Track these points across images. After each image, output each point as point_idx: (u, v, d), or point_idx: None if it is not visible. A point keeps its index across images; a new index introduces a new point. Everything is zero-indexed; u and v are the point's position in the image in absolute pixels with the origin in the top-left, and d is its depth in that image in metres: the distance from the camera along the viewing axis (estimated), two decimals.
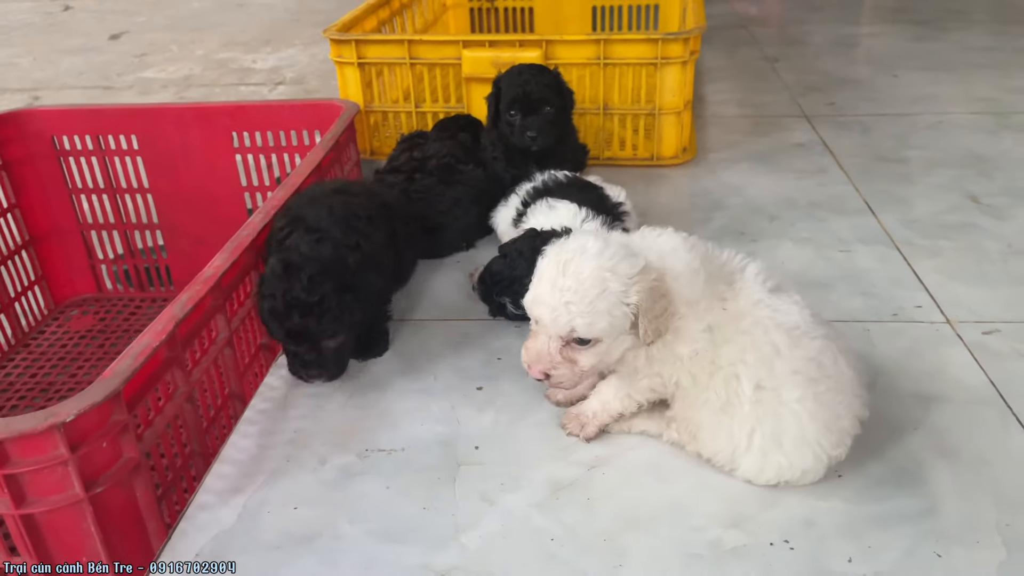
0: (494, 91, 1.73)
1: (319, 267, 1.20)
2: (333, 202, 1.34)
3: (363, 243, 1.30)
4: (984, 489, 1.05)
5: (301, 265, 1.21)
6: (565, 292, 0.97)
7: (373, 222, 1.36)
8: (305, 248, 1.24)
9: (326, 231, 1.28)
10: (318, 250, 1.24)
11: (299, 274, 1.19)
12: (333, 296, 1.19)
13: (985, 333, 1.36)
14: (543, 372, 1.01)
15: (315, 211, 1.32)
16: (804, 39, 3.21)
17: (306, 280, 1.19)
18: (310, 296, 1.18)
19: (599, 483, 1.07)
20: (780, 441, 1.01)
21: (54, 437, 0.88)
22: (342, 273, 1.22)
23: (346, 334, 1.24)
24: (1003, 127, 2.23)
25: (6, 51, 3.94)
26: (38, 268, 1.96)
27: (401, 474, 1.10)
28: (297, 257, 1.22)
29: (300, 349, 1.23)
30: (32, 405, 1.70)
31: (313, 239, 1.26)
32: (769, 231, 1.72)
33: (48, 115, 1.90)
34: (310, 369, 1.24)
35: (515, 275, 1.37)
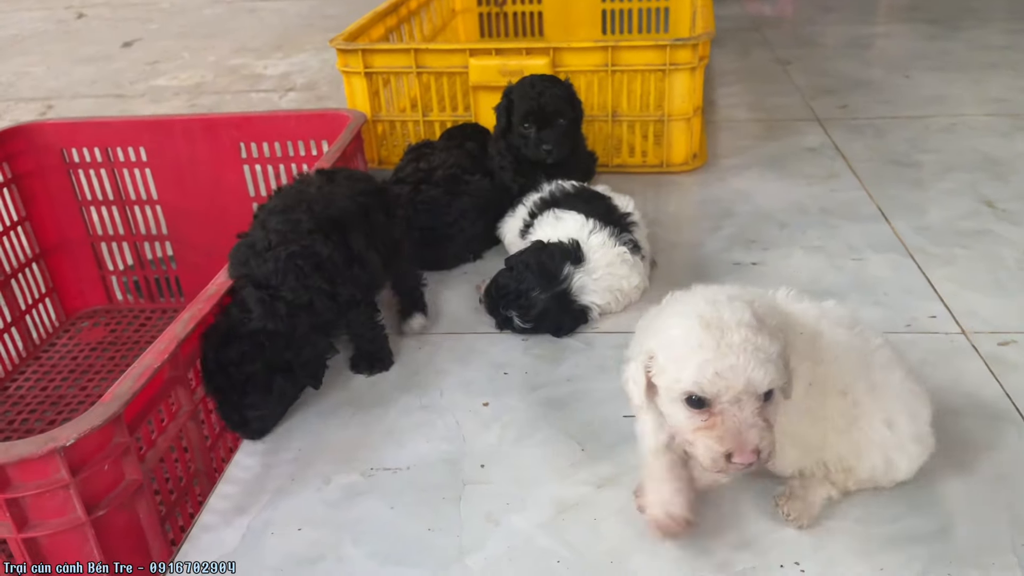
0: (505, 102, 1.72)
1: (250, 346, 1.15)
2: (281, 252, 1.21)
3: (315, 298, 1.21)
4: (1000, 507, 1.03)
5: (239, 335, 1.16)
6: (747, 344, 0.85)
7: (321, 268, 1.23)
8: (257, 312, 1.17)
9: (275, 288, 1.18)
10: (264, 316, 1.17)
11: (236, 345, 1.15)
12: (261, 376, 1.16)
13: (1001, 344, 1.34)
14: (756, 449, 0.85)
15: (263, 263, 1.21)
16: (816, 40, 3.18)
17: (236, 355, 1.15)
18: (238, 372, 1.15)
19: (606, 503, 1.06)
20: (913, 418, 1.00)
21: (54, 461, 0.88)
22: (281, 349, 1.18)
23: (273, 408, 1.21)
24: (1018, 129, 2.20)
25: (20, 59, 3.97)
26: (48, 280, 1.97)
27: (406, 494, 1.09)
28: (240, 323, 1.17)
29: (224, 406, 1.19)
30: (42, 419, 1.71)
31: (267, 299, 1.18)
32: (780, 239, 1.69)
33: (57, 128, 1.91)
34: (231, 426, 1.20)
35: (522, 288, 1.36)
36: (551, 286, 1.36)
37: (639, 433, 1.02)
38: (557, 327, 1.39)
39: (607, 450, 1.15)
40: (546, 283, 1.36)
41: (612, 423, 1.20)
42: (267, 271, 1.19)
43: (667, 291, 1.49)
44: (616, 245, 1.42)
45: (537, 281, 1.35)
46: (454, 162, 1.70)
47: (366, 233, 1.32)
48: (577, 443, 1.16)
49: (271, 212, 1.28)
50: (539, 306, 1.35)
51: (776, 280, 1.53)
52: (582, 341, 1.40)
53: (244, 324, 1.16)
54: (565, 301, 1.37)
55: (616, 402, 1.24)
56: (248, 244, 1.24)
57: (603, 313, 1.44)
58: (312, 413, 1.26)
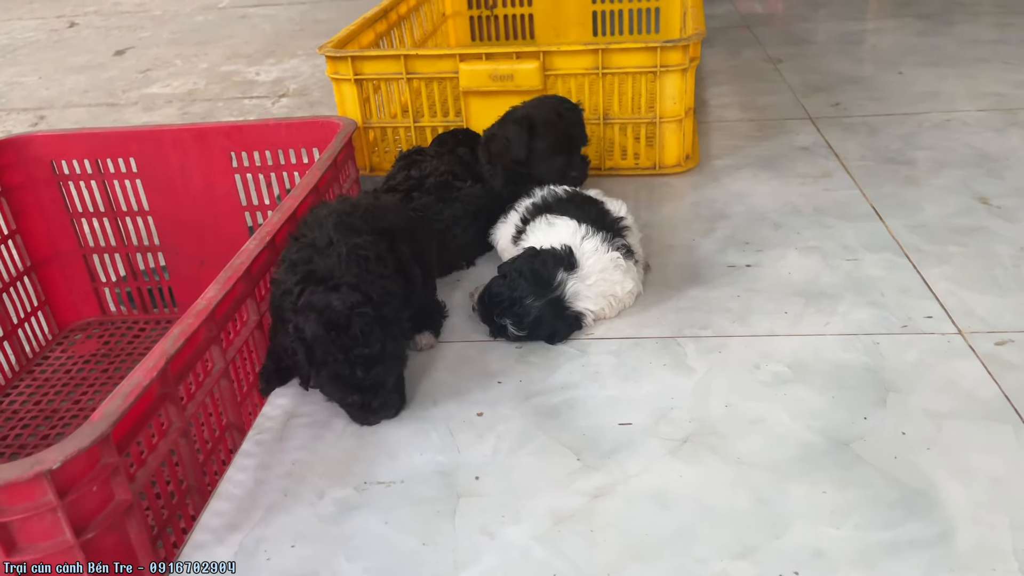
0: (525, 123, 1.69)
1: (364, 317, 1.17)
2: (339, 250, 1.27)
3: (377, 281, 1.25)
4: (1000, 511, 1.02)
5: (348, 320, 1.17)
6: None
7: (382, 260, 1.30)
8: (337, 302, 1.18)
9: (339, 278, 1.22)
10: (348, 299, 1.18)
11: (349, 331, 1.16)
12: (388, 340, 1.18)
13: (998, 344, 1.33)
14: None
15: (326, 258, 1.25)
16: (808, 37, 3.17)
17: (360, 334, 1.16)
18: (372, 348, 1.16)
19: (601, 513, 1.05)
20: None
21: (42, 484, 0.86)
22: (380, 311, 1.19)
23: (404, 365, 1.25)
24: (1011, 124, 2.19)
25: (12, 69, 3.96)
26: (41, 293, 1.96)
27: (400, 507, 1.08)
28: (335, 314, 1.17)
29: (368, 398, 1.20)
30: (36, 433, 1.70)
31: (331, 288, 1.20)
32: (774, 240, 1.69)
33: (47, 140, 1.90)
34: (380, 413, 1.23)
35: (515, 296, 1.35)
36: (545, 293, 1.35)
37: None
38: (551, 334, 1.38)
39: (602, 459, 1.14)
40: (540, 290, 1.35)
41: (607, 431, 1.19)
42: (330, 264, 1.23)
43: (662, 295, 1.52)
44: (609, 250, 1.41)
45: (531, 288, 1.35)
46: (445, 169, 1.69)
47: (411, 248, 1.39)
48: (572, 452, 1.15)
49: (324, 218, 1.32)
50: (533, 313, 1.35)
51: (771, 282, 1.54)
52: (576, 348, 1.39)
53: (336, 308, 1.17)
54: (559, 308, 1.37)
55: (611, 410, 1.24)
56: (309, 243, 1.28)
57: (597, 319, 1.43)
58: (306, 426, 1.25)
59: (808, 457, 1.12)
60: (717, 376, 1.29)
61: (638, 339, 1.40)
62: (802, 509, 1.04)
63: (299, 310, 1.19)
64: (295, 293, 1.21)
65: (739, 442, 1.16)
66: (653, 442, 1.16)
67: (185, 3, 5.15)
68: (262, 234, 1.36)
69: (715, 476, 1.10)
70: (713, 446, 1.15)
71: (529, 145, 1.68)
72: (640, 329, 1.42)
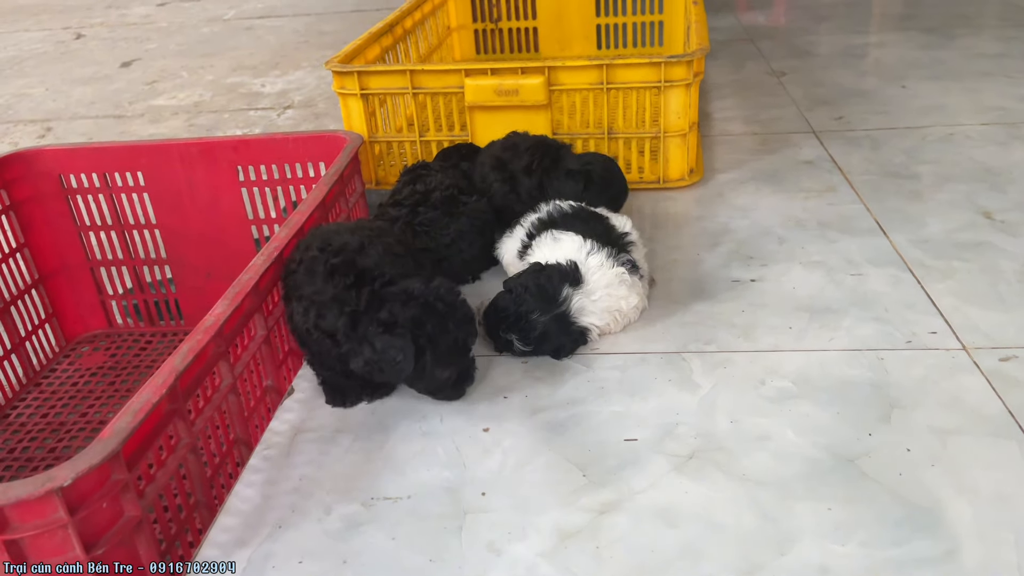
0: (583, 178, 1.73)
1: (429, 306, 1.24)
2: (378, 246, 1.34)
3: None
4: (1005, 528, 1.03)
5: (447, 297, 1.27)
6: None
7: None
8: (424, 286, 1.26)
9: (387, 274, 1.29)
10: (411, 288, 1.26)
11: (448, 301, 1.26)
12: (457, 310, 1.28)
13: (1002, 360, 1.33)
14: None
15: (369, 259, 1.31)
16: (811, 50, 3.18)
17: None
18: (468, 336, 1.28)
19: (608, 530, 1.05)
20: None
21: (52, 501, 0.87)
22: (438, 293, 1.27)
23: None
24: (1014, 138, 2.20)
25: (19, 81, 3.98)
26: (48, 306, 1.97)
27: (407, 523, 1.08)
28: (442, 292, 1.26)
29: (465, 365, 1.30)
30: (43, 446, 1.71)
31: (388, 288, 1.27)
32: (778, 255, 1.69)
33: (54, 154, 1.91)
34: (467, 381, 1.32)
35: (521, 311, 1.36)
36: (550, 308, 1.36)
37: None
38: (557, 349, 1.38)
39: (608, 475, 1.14)
40: (545, 305, 1.36)
41: (613, 447, 1.20)
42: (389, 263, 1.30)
43: (667, 309, 1.52)
44: (614, 266, 1.42)
45: (536, 304, 1.35)
46: (450, 183, 1.70)
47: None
48: (578, 468, 1.16)
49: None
50: (539, 329, 1.35)
51: (775, 297, 1.54)
52: (582, 363, 1.39)
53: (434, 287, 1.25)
54: (564, 323, 1.37)
55: (616, 425, 1.24)
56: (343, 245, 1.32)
57: (602, 334, 1.44)
58: (313, 441, 1.26)
59: (814, 474, 1.13)
60: (722, 392, 1.30)
61: (643, 354, 1.40)
62: (808, 526, 1.04)
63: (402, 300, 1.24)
64: (352, 293, 1.26)
65: (745, 458, 1.16)
66: (659, 458, 1.17)
67: (191, 15, 5.19)
68: (269, 249, 1.37)
69: (721, 493, 1.10)
70: (719, 462, 1.15)
71: (584, 189, 1.72)
72: (645, 344, 1.43)
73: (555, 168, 1.74)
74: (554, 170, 1.73)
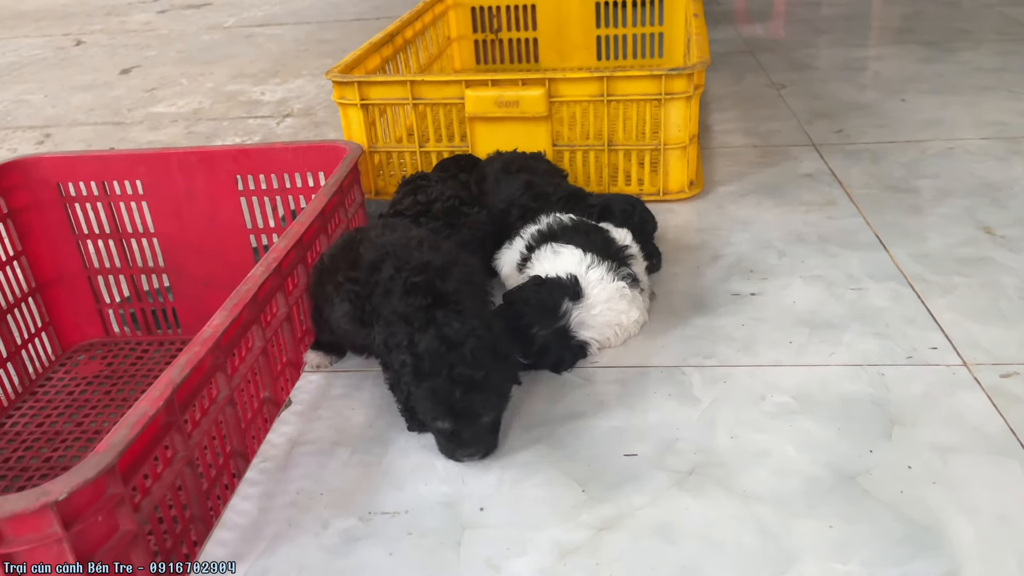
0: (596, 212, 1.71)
1: (480, 341, 1.16)
2: (461, 272, 1.30)
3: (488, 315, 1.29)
4: (1006, 548, 1.02)
5: (462, 339, 1.16)
6: None
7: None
8: (457, 322, 1.18)
9: (463, 304, 1.23)
10: (469, 321, 1.19)
11: (462, 349, 1.15)
12: (495, 370, 1.16)
13: (1003, 376, 1.33)
14: None
15: (445, 284, 1.26)
16: (811, 63, 3.19)
17: (470, 355, 1.15)
18: (476, 371, 1.14)
19: (607, 547, 1.04)
20: None
21: (47, 516, 0.86)
22: (496, 342, 1.19)
23: (504, 406, 1.21)
24: (1014, 153, 2.20)
25: (18, 87, 3.98)
26: (45, 314, 1.97)
27: (404, 539, 1.07)
28: (454, 331, 1.17)
29: (459, 427, 1.17)
30: (38, 456, 1.70)
31: (455, 312, 1.21)
32: (778, 268, 1.69)
33: (53, 162, 1.91)
34: (468, 448, 1.18)
35: (520, 325, 1.35)
36: (550, 322, 1.35)
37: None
38: (557, 363, 1.38)
39: (608, 491, 1.14)
40: (545, 319, 1.35)
41: (613, 462, 1.19)
42: (451, 290, 1.25)
43: (667, 323, 1.52)
44: (615, 280, 1.41)
45: (536, 317, 1.35)
46: (451, 194, 1.70)
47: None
48: (577, 484, 1.15)
49: (422, 238, 1.37)
50: (538, 343, 1.35)
51: (776, 311, 1.54)
52: (581, 376, 1.39)
53: (455, 333, 1.17)
54: (564, 337, 1.37)
55: (616, 440, 1.23)
56: (422, 265, 1.28)
57: (602, 347, 1.43)
58: (311, 454, 1.25)
59: (814, 491, 1.12)
60: (722, 407, 1.29)
61: (644, 368, 1.40)
62: (809, 544, 1.04)
63: (421, 327, 1.19)
64: (422, 313, 1.21)
65: (745, 475, 1.15)
66: (659, 474, 1.16)
67: (191, 22, 5.20)
68: (268, 260, 1.36)
69: (721, 510, 1.10)
70: (719, 479, 1.15)
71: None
72: (645, 358, 1.42)
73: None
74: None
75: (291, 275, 1.46)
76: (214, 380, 1.19)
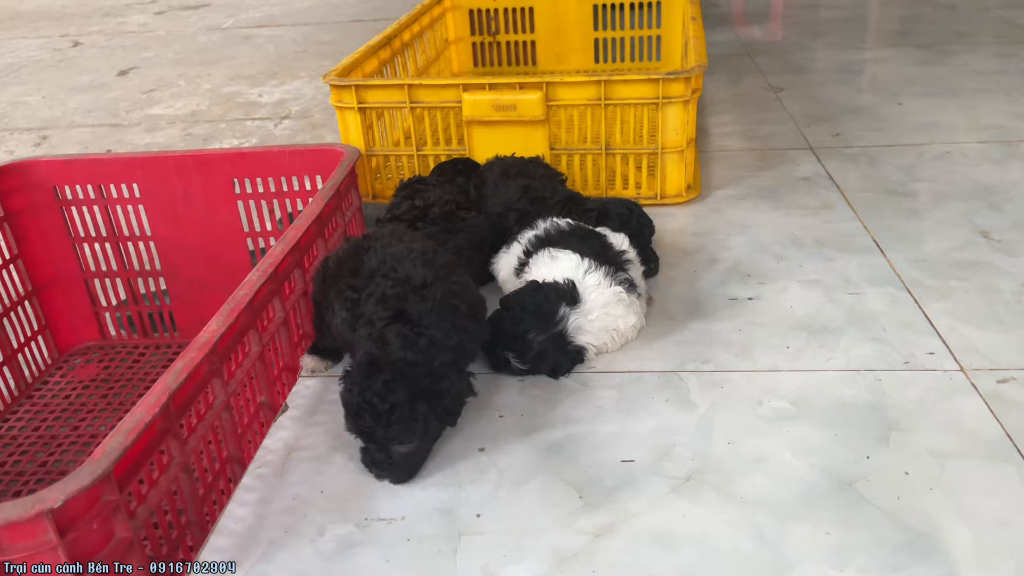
0: (592, 217, 1.70)
1: (398, 372, 1.16)
2: (439, 291, 1.27)
3: (465, 341, 1.25)
4: (1003, 554, 1.02)
5: (382, 367, 1.16)
6: None
7: (474, 309, 1.32)
8: (396, 344, 1.18)
9: (426, 327, 1.21)
10: (406, 351, 1.18)
11: (378, 376, 1.15)
12: (406, 405, 1.14)
13: (1000, 381, 1.33)
14: None
15: (421, 300, 1.25)
16: (808, 66, 3.19)
17: (380, 385, 1.14)
18: (382, 402, 1.14)
19: (604, 553, 1.04)
20: None
21: (43, 523, 0.86)
22: (420, 379, 1.17)
23: (418, 443, 1.19)
24: (1011, 156, 2.20)
25: (15, 89, 3.97)
26: (41, 317, 1.96)
27: (401, 545, 1.07)
28: (382, 356, 1.18)
29: (370, 447, 1.18)
30: (34, 460, 1.69)
31: (410, 334, 1.20)
32: (776, 272, 1.69)
33: (50, 165, 1.90)
34: (378, 468, 1.19)
35: (518, 330, 1.35)
36: (547, 328, 1.35)
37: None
38: (554, 368, 1.38)
39: (605, 497, 1.13)
40: (542, 325, 1.35)
41: (610, 468, 1.19)
42: (423, 309, 1.23)
43: (664, 327, 1.52)
44: (612, 285, 1.41)
45: (533, 323, 1.35)
46: (448, 198, 1.70)
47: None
48: (574, 489, 1.15)
49: (417, 255, 1.33)
50: (536, 348, 1.35)
51: (773, 315, 1.54)
52: (578, 381, 1.39)
53: (386, 356, 1.17)
54: (561, 342, 1.37)
55: (614, 445, 1.23)
56: (404, 279, 1.27)
57: (599, 353, 1.43)
58: (307, 460, 1.25)
59: (811, 496, 1.12)
60: (720, 412, 1.29)
61: (640, 373, 1.40)
62: (806, 550, 1.04)
63: (375, 337, 1.21)
64: (379, 326, 1.22)
65: (742, 480, 1.15)
66: (656, 480, 1.16)
67: (189, 23, 5.19)
68: (265, 265, 1.36)
69: (718, 515, 1.10)
70: (716, 484, 1.15)
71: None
72: (642, 363, 1.42)
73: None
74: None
75: (287, 280, 1.46)
76: (210, 386, 1.19)
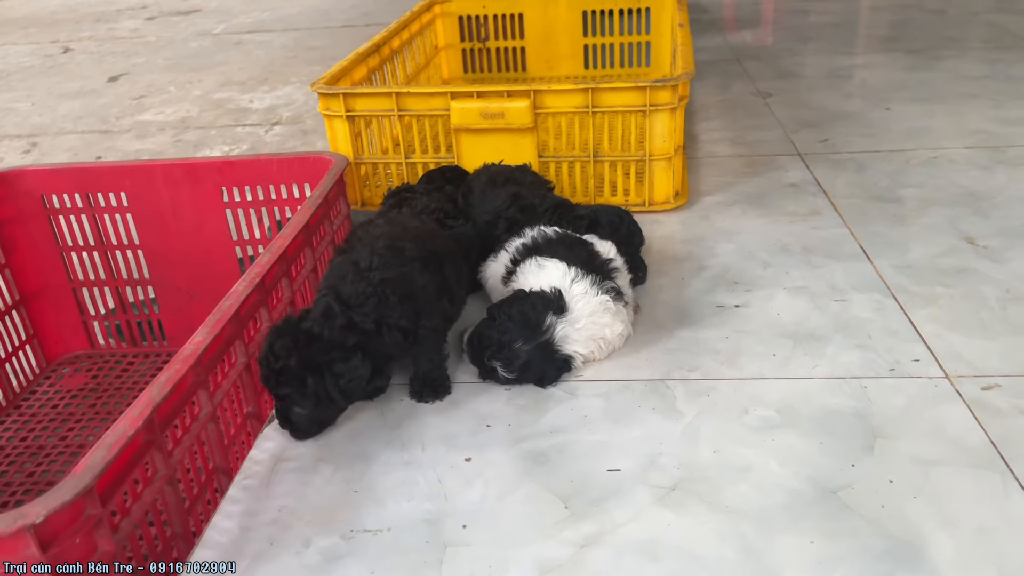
0: (583, 224, 1.70)
1: (294, 341, 1.24)
2: (376, 276, 1.32)
3: (386, 329, 1.30)
4: (987, 561, 1.02)
5: (286, 331, 1.26)
6: None
7: (423, 290, 1.36)
8: (315, 314, 1.28)
9: (356, 307, 1.29)
10: (315, 324, 1.27)
11: (281, 339, 1.25)
12: (294, 372, 1.23)
13: (984, 388, 1.33)
14: None
15: (358, 281, 1.31)
16: (797, 72, 3.21)
17: (278, 346, 1.24)
18: (275, 362, 1.24)
19: (589, 564, 1.04)
20: None
21: (24, 539, 0.86)
22: (317, 354, 1.24)
23: (309, 409, 1.26)
24: (997, 162, 2.21)
25: (5, 95, 3.96)
26: (29, 327, 1.95)
27: (386, 557, 1.07)
28: (290, 320, 1.28)
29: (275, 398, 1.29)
30: (22, 471, 1.68)
31: (334, 310, 1.28)
32: (763, 279, 1.69)
33: (37, 174, 1.90)
34: (281, 419, 1.29)
35: (504, 339, 1.35)
36: (534, 337, 1.35)
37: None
38: (541, 377, 1.38)
39: (590, 506, 1.14)
40: (529, 334, 1.35)
41: (596, 478, 1.19)
42: (356, 291, 1.30)
43: (651, 335, 1.52)
44: (599, 293, 1.41)
45: (520, 332, 1.35)
46: (436, 207, 1.70)
47: (458, 269, 1.49)
48: (560, 500, 1.15)
49: (378, 236, 1.40)
50: (522, 357, 1.35)
51: (760, 323, 1.54)
52: (565, 390, 1.39)
53: (296, 323, 1.28)
54: (548, 351, 1.37)
55: (600, 455, 1.23)
56: (353, 260, 1.34)
57: (586, 361, 1.43)
58: (293, 471, 1.25)
59: (796, 506, 1.12)
60: (706, 421, 1.30)
61: (627, 381, 1.40)
62: (790, 560, 1.04)
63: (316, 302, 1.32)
64: (319, 296, 1.33)
65: (728, 490, 1.16)
66: (642, 489, 1.16)
67: (180, 29, 5.18)
68: (251, 276, 1.36)
69: (704, 525, 1.10)
70: (702, 494, 1.15)
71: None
72: (629, 371, 1.42)
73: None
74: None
75: (274, 289, 1.45)
76: (196, 397, 1.18)
